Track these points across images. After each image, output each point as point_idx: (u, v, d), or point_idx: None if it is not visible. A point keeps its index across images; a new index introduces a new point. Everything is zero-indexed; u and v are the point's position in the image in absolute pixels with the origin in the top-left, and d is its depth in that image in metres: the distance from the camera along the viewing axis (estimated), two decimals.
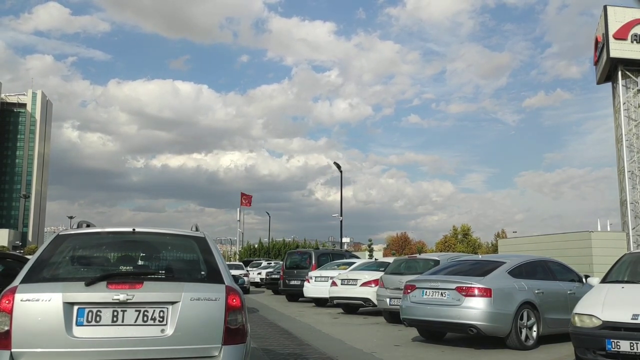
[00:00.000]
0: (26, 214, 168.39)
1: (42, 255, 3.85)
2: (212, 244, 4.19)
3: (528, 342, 7.88)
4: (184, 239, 4.31)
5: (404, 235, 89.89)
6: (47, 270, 3.76)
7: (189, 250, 4.26)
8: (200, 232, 4.33)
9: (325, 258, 18.66)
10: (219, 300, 3.68)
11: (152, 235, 4.29)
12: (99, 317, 3.50)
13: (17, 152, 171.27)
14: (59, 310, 3.45)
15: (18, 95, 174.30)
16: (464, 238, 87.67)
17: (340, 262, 17.02)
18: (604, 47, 34.09)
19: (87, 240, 4.23)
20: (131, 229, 4.14)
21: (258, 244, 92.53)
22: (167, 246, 4.38)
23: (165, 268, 4.16)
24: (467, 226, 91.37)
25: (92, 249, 4.26)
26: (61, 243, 4.03)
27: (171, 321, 3.57)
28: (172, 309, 3.59)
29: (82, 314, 3.48)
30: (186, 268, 4.28)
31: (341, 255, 19.50)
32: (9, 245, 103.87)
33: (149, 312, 3.56)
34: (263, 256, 69.47)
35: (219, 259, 4.03)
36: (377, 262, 14.55)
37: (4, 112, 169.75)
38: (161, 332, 3.55)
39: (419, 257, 11.44)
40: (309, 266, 18.15)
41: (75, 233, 4.19)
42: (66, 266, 3.96)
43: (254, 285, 27.79)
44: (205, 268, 4.01)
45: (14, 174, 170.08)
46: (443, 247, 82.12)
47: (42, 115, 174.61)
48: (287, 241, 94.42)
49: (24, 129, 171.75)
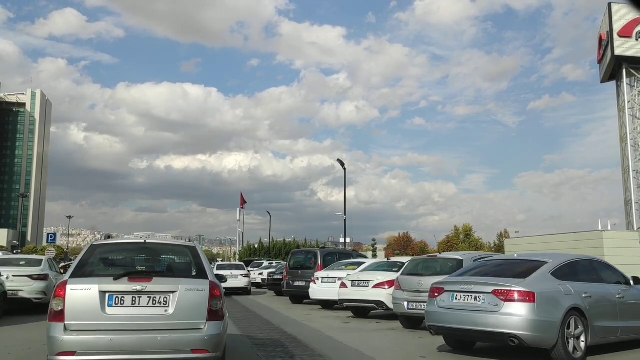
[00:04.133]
0: (25, 214, 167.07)
1: (82, 258, 5.34)
2: (201, 251, 5.69)
3: (576, 354, 6.83)
4: (181, 248, 5.89)
5: (406, 235, 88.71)
6: (87, 268, 5.25)
7: (184, 255, 5.78)
8: (192, 243, 5.96)
9: (332, 258, 17.60)
10: (204, 291, 5.05)
11: (158, 245, 5.92)
12: (123, 301, 4.91)
13: (17, 152, 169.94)
14: (96, 296, 4.86)
15: (17, 94, 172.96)
16: (466, 238, 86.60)
17: (348, 262, 15.96)
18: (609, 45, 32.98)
19: (112, 248, 5.99)
20: (143, 240, 5.73)
21: (258, 244, 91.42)
22: (169, 253, 6.03)
23: (167, 268, 5.73)
24: (469, 226, 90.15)
25: (116, 255, 5.92)
26: (95, 250, 5.57)
27: (172, 304, 4.96)
28: (172, 296, 4.98)
29: (112, 299, 4.89)
30: (182, 268, 5.74)
31: (348, 254, 18.45)
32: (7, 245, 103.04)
33: (157, 298, 4.96)
34: (263, 256, 68.42)
35: (205, 262, 5.45)
36: (388, 262, 13.48)
37: (3, 111, 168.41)
38: (165, 311, 4.94)
39: (440, 257, 10.36)
40: (315, 266, 17.11)
41: (104, 243, 5.94)
42: (99, 266, 5.46)
43: (255, 286, 26.75)
44: (195, 268, 5.44)
45: (13, 173, 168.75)
46: (446, 247, 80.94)
47: (42, 114, 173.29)
48: (287, 241, 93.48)
49: (23, 128, 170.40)
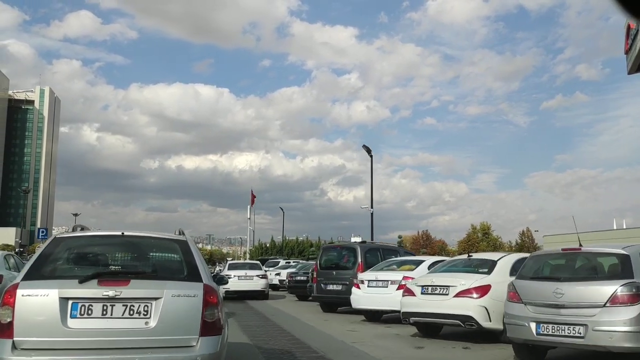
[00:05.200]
0: (34, 213, 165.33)
1: (41, 256, 4.25)
2: (193, 246, 4.52)
3: None
4: (168, 242, 4.65)
5: (426, 234, 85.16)
6: (46, 268, 4.17)
7: (172, 252, 4.62)
8: (182, 236, 4.66)
9: (374, 255, 13.98)
10: (197, 297, 4.01)
11: (139, 238, 4.70)
12: (91, 311, 3.85)
13: (25, 150, 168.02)
14: (55, 304, 3.81)
15: (26, 92, 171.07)
16: (483, 237, 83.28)
17: (400, 261, 12.33)
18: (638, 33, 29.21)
19: (81, 242, 4.72)
20: (120, 233, 4.53)
21: (270, 243, 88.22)
22: (152, 248, 4.76)
23: (150, 268, 4.58)
24: (487, 224, 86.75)
25: (86, 250, 4.68)
26: (58, 244, 4.43)
27: (154, 315, 3.89)
28: (155, 304, 3.92)
29: (75, 307, 3.83)
30: (169, 268, 4.62)
31: (393, 251, 14.79)
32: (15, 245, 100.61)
33: (135, 306, 3.89)
34: (275, 255, 65.08)
35: (199, 260, 4.36)
36: (467, 260, 9.72)
37: (12, 108, 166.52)
38: (145, 324, 3.87)
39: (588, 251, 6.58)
40: (354, 266, 13.50)
41: (70, 236, 4.74)
42: (62, 265, 4.37)
43: (271, 287, 23.15)
44: (185, 268, 4.35)
45: (21, 171, 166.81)
46: (467, 246, 77.66)
47: (50, 112, 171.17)
48: (300, 240, 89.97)
49: (32, 126, 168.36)
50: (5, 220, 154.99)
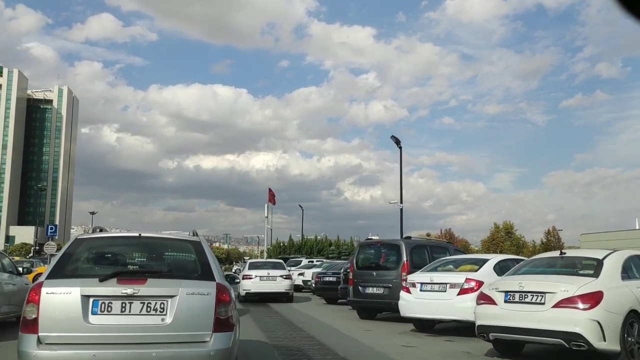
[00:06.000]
0: (52, 212, 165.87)
1: (63, 256, 4.45)
2: (206, 247, 4.70)
3: None
4: (182, 243, 4.86)
5: (449, 232, 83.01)
6: (68, 268, 4.36)
7: (186, 252, 4.81)
8: (196, 237, 4.85)
9: (421, 253, 11.99)
10: (210, 295, 4.13)
11: (155, 239, 4.89)
12: (110, 308, 4.01)
13: (44, 149, 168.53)
14: (78, 301, 3.99)
15: (44, 91, 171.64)
16: (506, 236, 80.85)
17: (455, 260, 10.32)
18: None
19: (101, 243, 4.91)
20: (137, 234, 4.72)
21: (288, 241, 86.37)
22: (168, 249, 4.97)
23: (166, 267, 4.77)
24: (510, 223, 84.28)
25: (105, 251, 4.87)
26: (79, 245, 4.64)
27: (170, 312, 4.04)
28: (170, 302, 4.06)
29: (96, 304, 4.00)
30: (183, 267, 4.81)
31: (442, 248, 12.75)
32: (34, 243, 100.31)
33: (152, 304, 4.04)
34: (293, 254, 63.30)
35: (212, 260, 4.53)
36: (561, 259, 7.63)
37: (31, 108, 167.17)
38: (161, 320, 4.02)
39: None
40: (397, 265, 11.53)
41: (91, 237, 4.89)
42: (83, 265, 4.57)
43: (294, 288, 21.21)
44: (199, 267, 4.49)
45: (40, 171, 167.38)
46: (490, 245, 75.36)
47: (69, 111, 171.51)
48: (319, 238, 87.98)
49: (51, 125, 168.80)
50: (24, 219, 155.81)
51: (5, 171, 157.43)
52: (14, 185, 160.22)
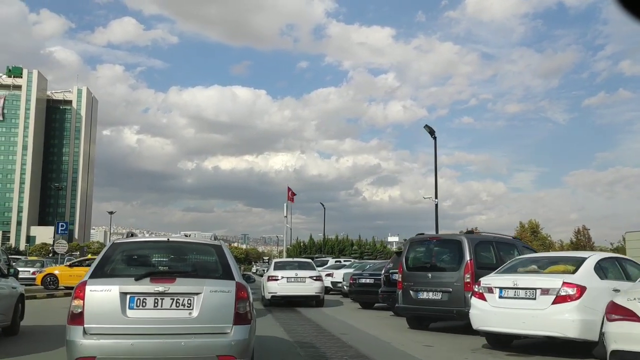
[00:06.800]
0: (72, 212, 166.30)
1: (103, 258, 5.07)
2: (227, 249, 5.34)
3: None
4: (205, 246, 5.63)
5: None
6: (107, 268, 4.98)
7: (209, 255, 5.42)
8: (217, 241, 5.67)
9: (486, 250, 10.01)
10: (230, 292, 4.73)
11: (181, 243, 5.63)
12: (145, 303, 4.62)
13: (63, 150, 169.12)
14: (117, 298, 4.59)
15: (64, 92, 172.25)
16: (532, 235, 78.12)
17: (540, 259, 8.33)
18: None
19: (134, 246, 5.58)
20: (166, 239, 5.62)
21: (309, 241, 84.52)
22: (193, 251, 5.67)
23: (192, 268, 5.40)
24: (536, 222, 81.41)
25: (139, 253, 5.53)
26: (116, 249, 5.29)
27: (196, 307, 4.64)
28: (196, 298, 4.66)
29: (132, 300, 4.61)
30: (207, 268, 5.36)
31: (510, 245, 10.71)
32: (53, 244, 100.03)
33: (180, 300, 4.65)
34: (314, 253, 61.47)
35: (232, 261, 5.14)
36: None
37: (50, 108, 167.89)
38: (189, 314, 4.62)
39: None
40: (459, 266, 9.56)
41: (126, 241, 5.49)
42: (120, 266, 5.15)
43: None
44: (220, 268, 5.10)
45: (60, 171, 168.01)
46: None
47: (88, 112, 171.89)
48: (340, 238, 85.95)
49: (70, 126, 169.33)
50: (44, 220, 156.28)
51: (26, 172, 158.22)
52: (35, 186, 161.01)
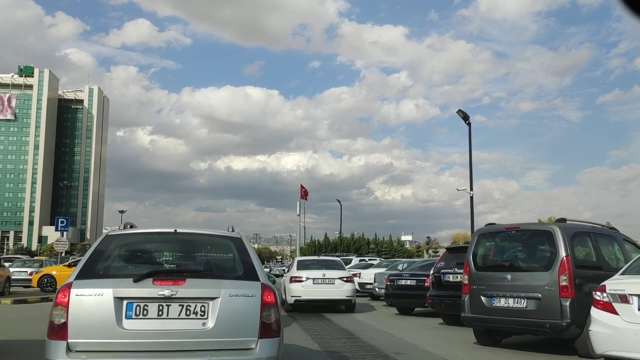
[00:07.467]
0: (84, 212, 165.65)
1: (93, 254, 4.04)
2: (248, 244, 4.32)
3: None
4: (222, 239, 4.46)
5: None
6: (99, 267, 3.98)
7: (226, 250, 4.42)
8: (236, 233, 4.48)
9: (583, 244, 7.71)
10: (255, 297, 3.77)
11: (192, 235, 4.46)
12: (146, 311, 3.63)
13: (75, 149, 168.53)
14: (110, 304, 3.60)
15: (75, 91, 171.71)
16: None
17: None
18: None
19: (133, 239, 4.46)
20: (173, 230, 4.33)
21: (324, 239, 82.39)
22: (206, 246, 4.57)
23: (205, 266, 4.35)
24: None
25: (139, 248, 4.48)
26: (110, 242, 4.24)
27: (212, 315, 3.67)
28: (212, 304, 3.70)
29: (130, 308, 3.62)
30: (224, 266, 4.41)
31: (609, 237, 8.31)
32: None
33: (192, 306, 3.68)
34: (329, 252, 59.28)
35: (255, 258, 4.15)
36: None
37: (62, 108, 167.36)
38: (202, 325, 3.65)
39: None
40: (551, 264, 7.26)
41: (122, 233, 4.41)
42: (115, 264, 4.18)
43: None
44: (241, 266, 4.12)
45: (72, 171, 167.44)
46: None
47: (99, 111, 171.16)
48: (356, 237, 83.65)
49: (82, 125, 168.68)
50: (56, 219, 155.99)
51: (37, 171, 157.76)
52: (46, 186, 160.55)
